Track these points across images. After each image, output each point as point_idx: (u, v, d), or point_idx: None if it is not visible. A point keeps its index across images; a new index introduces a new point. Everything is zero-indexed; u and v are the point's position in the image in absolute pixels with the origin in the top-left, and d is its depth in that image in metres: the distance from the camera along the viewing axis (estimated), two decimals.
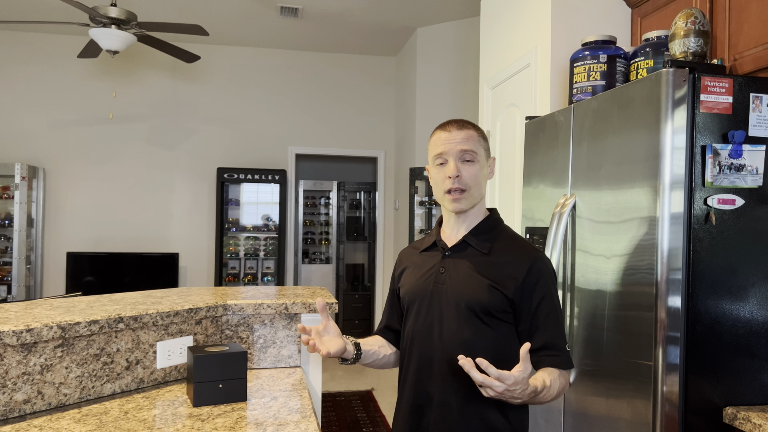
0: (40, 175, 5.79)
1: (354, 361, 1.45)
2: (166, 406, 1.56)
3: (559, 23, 2.67)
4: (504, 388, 1.18)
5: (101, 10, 3.76)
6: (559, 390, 1.35)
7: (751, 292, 1.63)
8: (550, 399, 1.33)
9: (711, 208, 1.61)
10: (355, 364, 1.48)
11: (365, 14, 5.25)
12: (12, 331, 1.42)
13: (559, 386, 1.35)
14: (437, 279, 1.44)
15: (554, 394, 1.33)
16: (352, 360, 1.45)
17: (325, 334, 1.40)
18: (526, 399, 1.26)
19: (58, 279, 5.88)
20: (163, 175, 6.13)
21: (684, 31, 1.82)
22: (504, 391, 1.19)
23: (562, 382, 1.36)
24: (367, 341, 1.53)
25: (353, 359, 1.45)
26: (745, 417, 1.51)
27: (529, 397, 1.26)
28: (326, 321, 1.40)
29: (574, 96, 2.23)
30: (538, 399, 1.30)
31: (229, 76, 6.27)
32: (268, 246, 6.27)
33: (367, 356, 1.49)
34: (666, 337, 1.59)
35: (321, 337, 1.39)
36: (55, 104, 5.91)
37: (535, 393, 1.26)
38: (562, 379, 1.36)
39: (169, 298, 1.97)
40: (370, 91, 6.59)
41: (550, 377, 1.33)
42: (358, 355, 1.45)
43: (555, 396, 1.34)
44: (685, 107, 1.60)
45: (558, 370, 1.36)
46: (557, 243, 2.04)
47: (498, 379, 1.17)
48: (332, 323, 1.41)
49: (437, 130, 1.46)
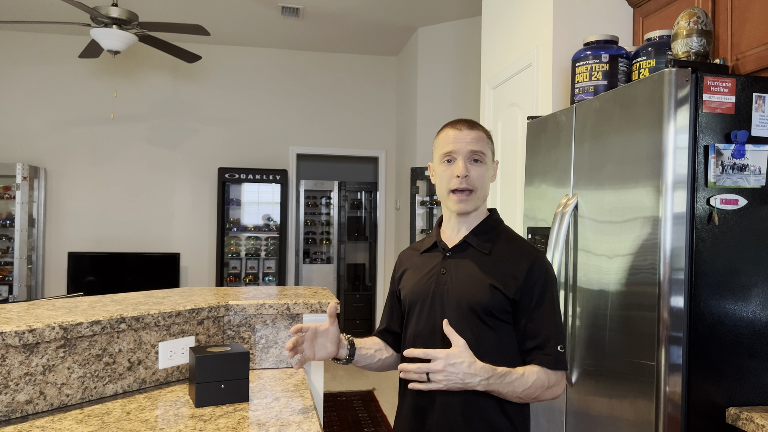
0: (41, 175, 5.79)
1: (347, 362, 1.48)
2: (168, 407, 1.56)
3: (560, 23, 2.66)
4: (443, 364, 1.24)
5: (102, 10, 3.77)
6: (535, 385, 1.32)
7: (754, 293, 1.62)
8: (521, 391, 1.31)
9: (714, 208, 1.61)
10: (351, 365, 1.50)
11: (366, 14, 5.25)
12: (14, 332, 1.42)
13: (536, 381, 1.32)
14: (438, 280, 1.44)
15: (527, 386, 1.31)
16: (345, 361, 1.48)
17: (323, 336, 1.41)
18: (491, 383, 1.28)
19: (59, 279, 5.89)
20: (165, 175, 6.13)
21: (686, 31, 1.82)
22: (445, 367, 1.24)
23: (542, 378, 1.33)
24: (365, 343, 1.53)
25: (345, 361, 1.48)
26: (748, 417, 1.50)
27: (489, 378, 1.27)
28: (331, 325, 1.41)
29: (576, 96, 2.23)
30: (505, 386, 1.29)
31: (231, 76, 6.27)
32: (269, 246, 6.27)
33: (360, 359, 1.50)
34: (669, 337, 1.58)
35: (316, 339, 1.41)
36: (57, 104, 5.92)
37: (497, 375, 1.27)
38: (543, 376, 1.33)
39: (170, 299, 1.96)
40: (371, 91, 6.58)
41: (526, 369, 1.33)
42: (350, 359, 1.48)
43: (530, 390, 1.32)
44: (687, 107, 1.60)
45: (539, 367, 1.34)
46: (559, 243, 2.04)
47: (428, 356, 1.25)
48: (335, 329, 1.42)
49: (447, 128, 1.46)
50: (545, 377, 1.35)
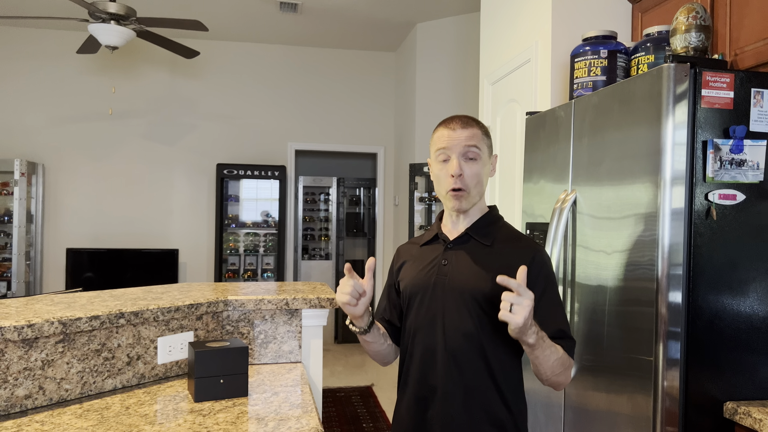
0: (39, 171, 5.78)
1: (364, 332, 1.41)
2: (167, 402, 1.56)
3: (559, 18, 2.66)
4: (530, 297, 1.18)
5: (100, 6, 3.75)
6: (563, 359, 1.33)
7: (752, 287, 1.63)
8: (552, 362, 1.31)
9: (712, 204, 1.61)
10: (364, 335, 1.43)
11: (365, 9, 5.24)
12: (13, 327, 1.42)
13: (564, 357, 1.33)
14: (440, 270, 1.44)
15: (557, 356, 1.31)
16: (361, 331, 1.41)
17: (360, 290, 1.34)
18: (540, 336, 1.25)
19: (57, 275, 5.88)
20: (163, 171, 6.12)
21: (685, 26, 1.82)
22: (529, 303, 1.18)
23: (565, 357, 1.34)
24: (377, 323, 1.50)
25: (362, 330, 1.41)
26: (746, 412, 1.51)
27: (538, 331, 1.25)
28: (369, 282, 1.34)
29: (575, 91, 2.23)
30: (545, 348, 1.28)
31: (229, 71, 6.26)
32: (267, 242, 6.26)
33: (374, 333, 1.45)
34: (667, 332, 1.59)
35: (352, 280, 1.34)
36: (54, 100, 5.90)
37: (538, 335, 1.25)
38: (565, 359, 1.35)
39: (169, 294, 1.96)
40: (369, 87, 6.57)
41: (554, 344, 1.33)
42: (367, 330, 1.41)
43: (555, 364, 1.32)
44: (686, 102, 1.60)
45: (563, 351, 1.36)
46: (558, 239, 2.04)
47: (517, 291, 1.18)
48: (370, 288, 1.36)
49: (441, 126, 1.45)
50: (566, 358, 1.35)
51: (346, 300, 1.33)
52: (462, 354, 1.38)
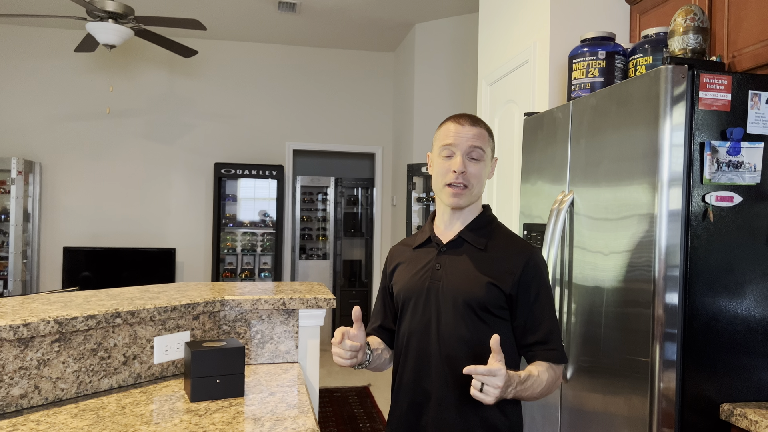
0: (36, 170, 5.77)
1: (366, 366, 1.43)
2: (163, 401, 1.56)
3: (557, 19, 2.66)
4: (504, 378, 1.18)
5: (98, 4, 3.74)
6: (548, 382, 1.34)
7: (749, 289, 1.63)
8: (539, 391, 1.32)
9: (709, 205, 1.61)
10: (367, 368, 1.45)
11: (363, 9, 5.24)
12: (9, 326, 1.41)
13: (549, 379, 1.34)
14: (433, 275, 1.44)
15: (543, 385, 1.32)
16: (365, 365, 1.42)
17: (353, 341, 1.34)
18: (518, 390, 1.26)
19: (54, 274, 5.87)
20: (160, 170, 6.11)
21: (683, 28, 1.82)
22: (504, 382, 1.18)
23: (552, 374, 1.35)
24: (372, 343, 1.50)
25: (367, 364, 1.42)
26: (742, 413, 1.51)
27: (518, 388, 1.25)
28: (358, 331, 1.35)
29: (573, 92, 2.23)
30: (527, 390, 1.29)
31: (227, 71, 6.25)
32: (265, 242, 6.26)
33: (375, 361, 1.46)
34: (663, 333, 1.59)
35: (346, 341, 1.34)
36: (52, 99, 5.89)
37: (520, 382, 1.26)
38: (552, 372, 1.36)
39: (166, 293, 1.96)
40: (367, 87, 6.57)
41: (538, 369, 1.33)
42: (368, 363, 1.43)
43: (545, 389, 1.33)
44: (683, 104, 1.60)
45: (548, 364, 1.36)
46: (555, 240, 2.04)
47: (489, 374, 1.17)
48: (362, 333, 1.36)
49: (449, 121, 1.45)
50: (554, 373, 1.36)
51: (348, 364, 1.34)
52: (456, 359, 1.37)
